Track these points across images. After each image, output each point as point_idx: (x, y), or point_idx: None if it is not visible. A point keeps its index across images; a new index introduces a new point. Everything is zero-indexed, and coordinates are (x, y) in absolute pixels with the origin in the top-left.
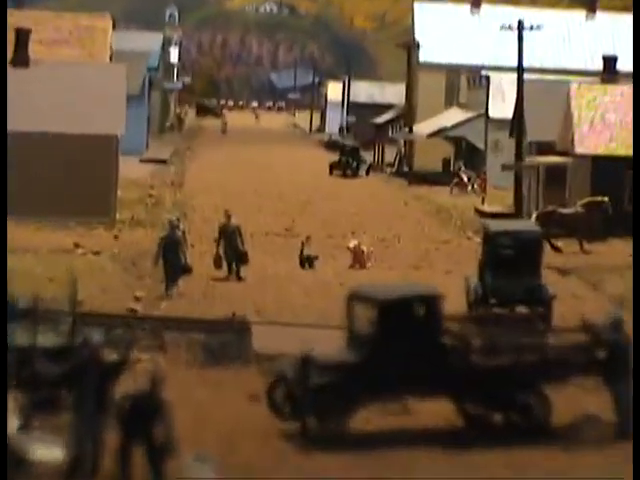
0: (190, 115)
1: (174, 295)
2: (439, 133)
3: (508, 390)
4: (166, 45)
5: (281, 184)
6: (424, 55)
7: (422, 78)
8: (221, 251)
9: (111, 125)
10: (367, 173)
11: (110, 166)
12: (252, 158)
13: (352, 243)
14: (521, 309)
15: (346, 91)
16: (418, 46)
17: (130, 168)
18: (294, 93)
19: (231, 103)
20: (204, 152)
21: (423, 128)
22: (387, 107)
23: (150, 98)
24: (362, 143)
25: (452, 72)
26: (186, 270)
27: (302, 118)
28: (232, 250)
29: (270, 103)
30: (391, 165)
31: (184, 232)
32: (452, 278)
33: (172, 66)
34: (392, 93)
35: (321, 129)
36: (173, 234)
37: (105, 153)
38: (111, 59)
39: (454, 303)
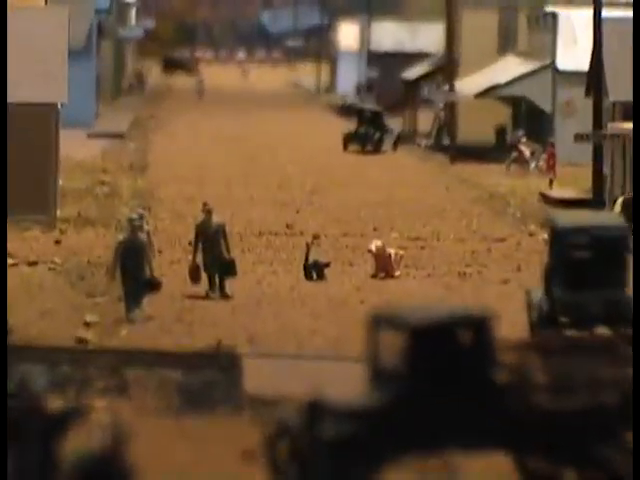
0: (154, 72)
1: (138, 319)
2: (491, 91)
3: (583, 440)
4: None
5: (279, 165)
6: None
7: (467, 17)
8: (199, 259)
9: (49, 91)
10: (394, 147)
11: (48, 145)
12: (239, 130)
13: (375, 244)
14: (601, 330)
15: (365, 36)
16: None
17: (75, 146)
18: (294, 39)
19: (210, 55)
20: (174, 123)
21: (469, 85)
22: (421, 57)
23: (99, 51)
24: (387, 106)
25: (507, 8)
26: (153, 285)
27: (306, 73)
28: (214, 258)
29: (262, 54)
30: (426, 136)
31: (149, 234)
32: (509, 290)
33: (129, 5)
34: (427, 38)
35: (332, 88)
36: (135, 237)
37: (41, 128)
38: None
39: (512, 324)
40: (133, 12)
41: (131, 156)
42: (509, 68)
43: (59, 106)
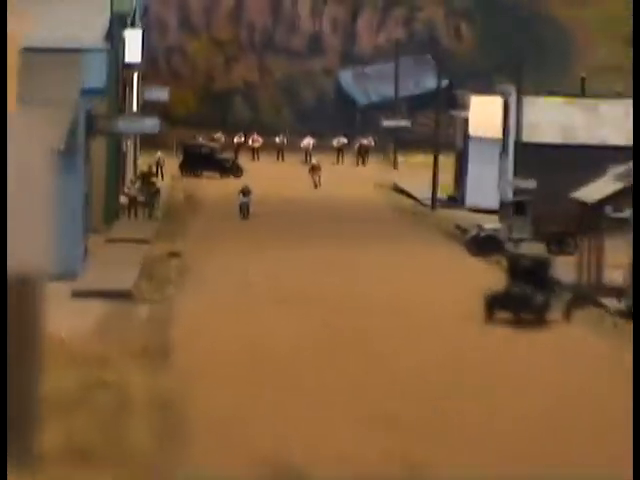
0: (170, 168)
1: None
2: None
3: None
4: (116, 30)
5: (383, 350)
6: None
7: None
8: None
9: (26, 255)
10: (567, 315)
11: (25, 334)
12: (309, 278)
13: None
14: None
15: (512, 117)
16: None
17: (55, 312)
18: (392, 118)
19: (256, 141)
20: (206, 265)
21: None
22: (605, 155)
23: (88, 152)
24: (550, 238)
25: None
26: None
27: (413, 172)
28: None
29: (340, 139)
30: (618, 292)
31: None
32: None
33: (130, 71)
34: (616, 123)
35: (456, 199)
36: None
37: (15, 307)
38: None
39: None
40: (135, 79)
41: (144, 330)
42: None
43: (43, 276)
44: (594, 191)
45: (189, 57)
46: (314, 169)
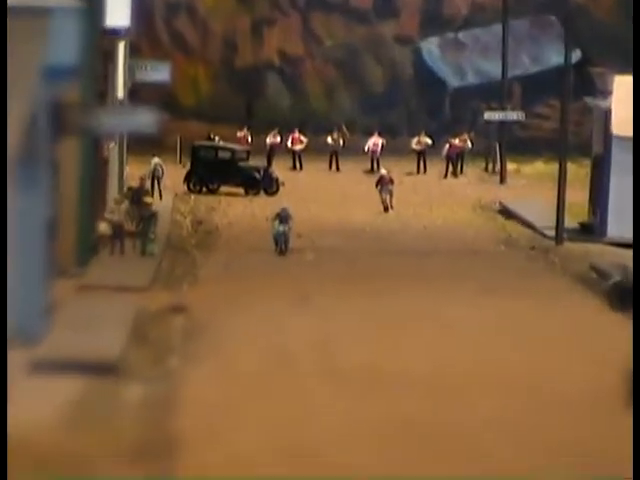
0: (172, 183)
1: None
2: None
3: None
4: None
5: (491, 459)
6: None
7: None
8: None
9: None
10: None
11: None
12: (379, 345)
13: None
14: None
15: None
16: None
17: (7, 392)
18: (499, 108)
19: (298, 141)
20: (226, 325)
21: None
22: None
23: (54, 160)
24: None
25: None
26: None
27: (528, 188)
28: None
29: (421, 139)
30: None
31: None
32: None
33: (114, 40)
34: None
35: (593, 228)
36: None
37: None
38: None
39: None
40: (122, 54)
41: (135, 421)
42: None
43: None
44: None
45: (200, 18)
46: (383, 182)
